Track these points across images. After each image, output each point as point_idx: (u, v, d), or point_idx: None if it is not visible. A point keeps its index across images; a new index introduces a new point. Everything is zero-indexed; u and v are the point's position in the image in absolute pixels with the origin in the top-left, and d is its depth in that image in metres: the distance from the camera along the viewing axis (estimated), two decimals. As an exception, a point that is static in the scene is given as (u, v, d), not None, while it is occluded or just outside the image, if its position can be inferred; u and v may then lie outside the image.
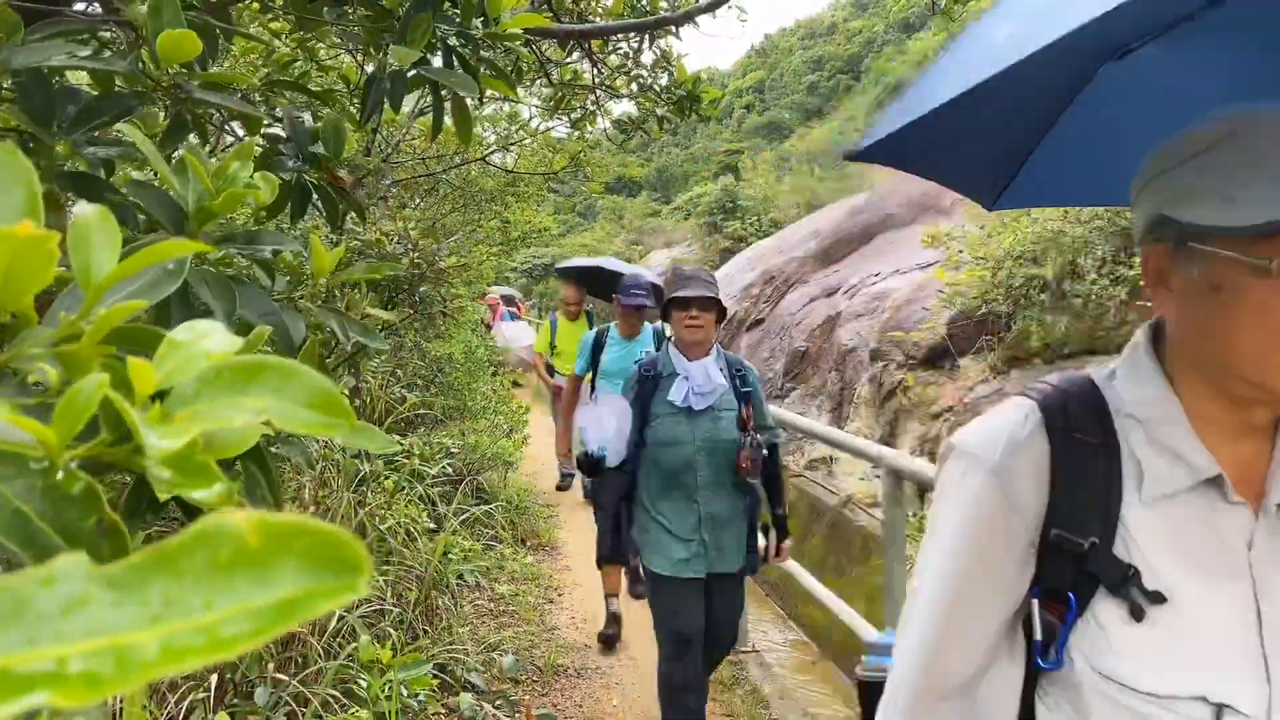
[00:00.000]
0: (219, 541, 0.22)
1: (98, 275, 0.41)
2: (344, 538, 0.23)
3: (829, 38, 77.82)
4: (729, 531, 3.19)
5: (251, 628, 0.21)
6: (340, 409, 0.40)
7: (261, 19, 2.78)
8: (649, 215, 37.89)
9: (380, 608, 3.72)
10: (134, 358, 0.38)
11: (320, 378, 0.40)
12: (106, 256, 0.41)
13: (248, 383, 0.38)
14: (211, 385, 0.38)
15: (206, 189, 0.93)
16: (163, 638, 0.20)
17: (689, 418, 3.14)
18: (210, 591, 0.21)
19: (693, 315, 3.17)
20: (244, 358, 0.39)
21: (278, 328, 0.99)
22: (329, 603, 0.22)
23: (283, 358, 0.39)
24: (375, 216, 5.19)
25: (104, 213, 0.42)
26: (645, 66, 3.50)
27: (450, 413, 6.57)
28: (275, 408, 0.39)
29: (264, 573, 0.22)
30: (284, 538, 0.22)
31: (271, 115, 1.58)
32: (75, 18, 1.21)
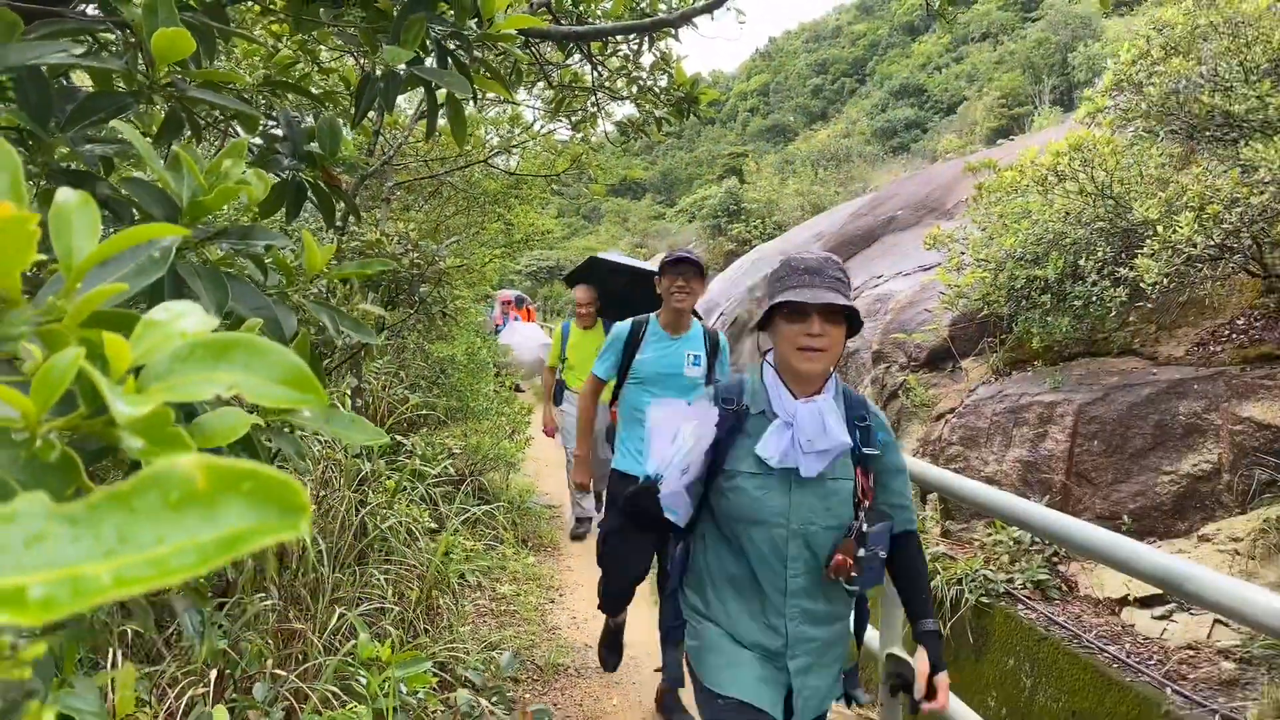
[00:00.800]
0: (170, 483, 0.24)
1: (78, 258, 0.43)
2: (289, 482, 0.25)
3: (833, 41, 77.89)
4: (828, 657, 2.20)
5: (197, 558, 0.23)
6: (310, 385, 0.42)
7: (263, 21, 2.81)
8: (653, 218, 37.97)
9: (381, 606, 3.74)
10: (110, 335, 0.40)
11: (291, 354, 0.42)
12: (86, 240, 0.43)
13: (219, 358, 0.40)
14: (184, 361, 0.40)
15: (199, 184, 0.96)
16: (116, 568, 0.22)
17: (787, 486, 2.10)
18: (161, 527, 0.23)
19: (813, 332, 2.09)
20: (216, 335, 0.41)
21: (269, 321, 1.01)
22: (271, 537, 0.24)
23: (254, 335, 0.41)
24: (378, 218, 5.22)
25: (85, 198, 0.44)
26: (644, 69, 3.52)
27: (453, 414, 6.60)
28: (245, 383, 0.40)
29: (211, 510, 0.24)
30: (231, 479, 0.24)
31: (269, 115, 1.60)
32: (73, 17, 1.24)
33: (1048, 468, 6.11)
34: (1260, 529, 4.88)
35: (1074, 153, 5.92)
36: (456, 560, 4.60)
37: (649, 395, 3.76)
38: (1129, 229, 5.97)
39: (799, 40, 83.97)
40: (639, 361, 3.87)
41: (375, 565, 3.96)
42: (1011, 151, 11.28)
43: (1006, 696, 5.11)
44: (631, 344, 3.90)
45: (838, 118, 60.44)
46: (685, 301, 3.80)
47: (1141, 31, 5.97)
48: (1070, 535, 2.03)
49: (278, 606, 3.22)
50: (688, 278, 3.81)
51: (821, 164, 32.43)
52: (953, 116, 38.14)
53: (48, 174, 1.08)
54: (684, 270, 3.79)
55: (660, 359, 3.84)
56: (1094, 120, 6.14)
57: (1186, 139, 5.97)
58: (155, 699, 2.58)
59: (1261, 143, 4.81)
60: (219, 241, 1.01)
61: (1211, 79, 5.34)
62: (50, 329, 0.42)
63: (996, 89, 31.71)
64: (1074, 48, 27.73)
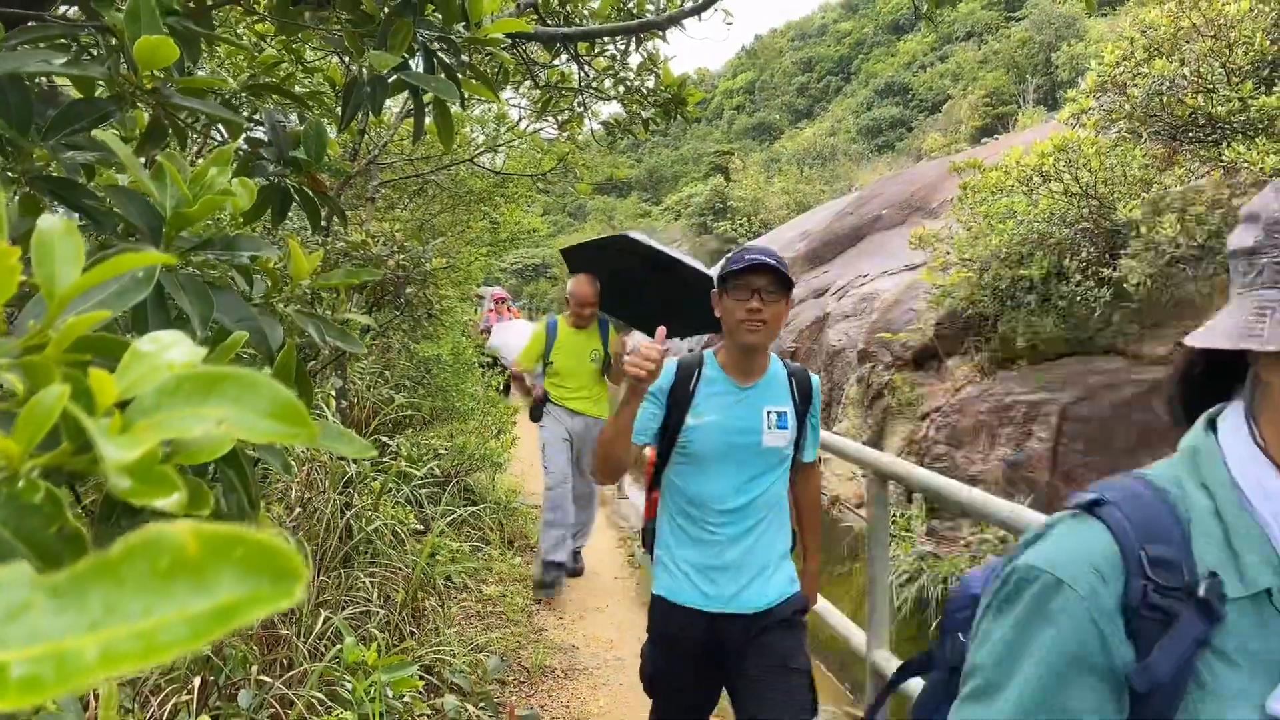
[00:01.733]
0: (159, 550, 0.23)
1: (61, 286, 0.42)
2: (281, 547, 0.24)
3: (819, 39, 78.06)
4: None
5: (189, 632, 0.22)
6: (300, 419, 0.41)
7: (247, 22, 2.78)
8: (639, 216, 37.96)
9: (367, 609, 3.72)
10: (96, 369, 0.39)
11: (281, 388, 0.41)
12: (69, 268, 0.42)
13: (208, 393, 0.39)
14: (172, 396, 0.39)
15: (183, 194, 0.94)
16: (102, 643, 0.21)
17: None
18: (150, 598, 0.22)
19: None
20: (205, 369, 0.40)
21: (254, 333, 1.00)
22: (266, 608, 0.23)
23: (244, 369, 0.40)
24: (362, 218, 5.19)
25: (68, 225, 0.43)
26: (631, 69, 3.51)
27: (438, 414, 6.57)
28: (235, 418, 0.39)
29: (202, 580, 0.23)
30: (222, 546, 0.23)
31: (253, 120, 1.58)
32: (55, 23, 1.22)
33: (1032, 467, 6.14)
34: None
35: (1059, 153, 5.95)
36: (442, 562, 4.59)
37: (707, 479, 2.48)
38: (1113, 229, 6.00)
39: (785, 38, 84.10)
40: (692, 429, 2.48)
41: (361, 568, 3.93)
42: (996, 150, 11.33)
43: (991, 695, 5.13)
44: (680, 397, 2.50)
45: (823, 116, 60.59)
46: (759, 334, 2.48)
47: (1125, 33, 6.01)
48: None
49: (262, 611, 3.19)
50: (769, 295, 2.51)
51: (807, 162, 32.52)
52: (938, 115, 38.32)
53: (28, 181, 1.06)
54: (762, 281, 2.50)
55: (725, 424, 2.49)
56: (1078, 121, 6.17)
57: (1170, 140, 6.01)
58: (138, 706, 2.56)
59: (1243, 144, 4.84)
60: (204, 252, 0.99)
61: (1194, 80, 5.38)
62: (32, 361, 0.41)
63: (981, 88, 31.87)
64: (1057, 47, 27.90)
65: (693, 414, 2.47)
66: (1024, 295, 6.62)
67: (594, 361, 5.45)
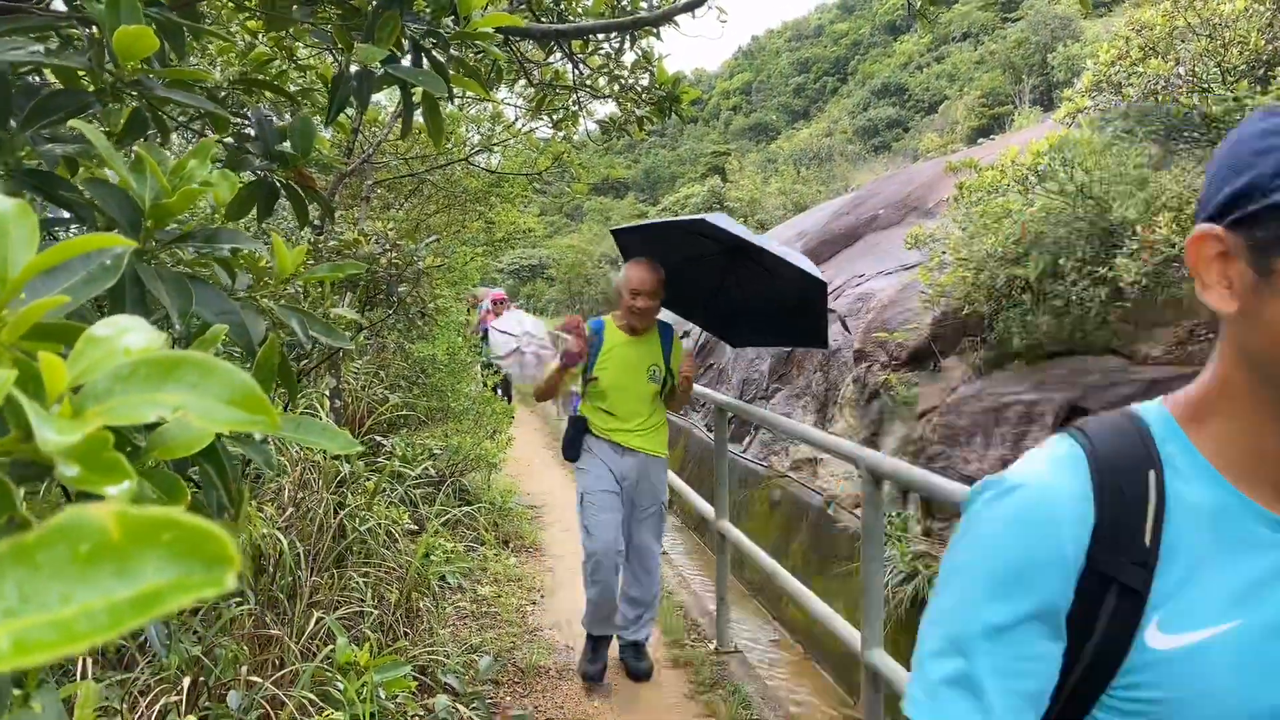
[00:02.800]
0: (80, 534, 0.21)
1: (13, 271, 0.40)
2: (213, 531, 0.22)
3: (815, 40, 78.14)
4: None
5: (108, 620, 0.21)
6: (260, 406, 0.40)
7: (239, 18, 2.76)
8: (636, 216, 37.97)
9: (360, 610, 3.70)
10: (46, 353, 0.37)
11: (240, 374, 0.39)
12: (23, 252, 0.41)
13: (164, 379, 0.38)
14: (125, 381, 0.38)
15: (162, 187, 0.93)
16: (14, 632, 0.20)
17: None
18: (68, 584, 0.21)
19: None
20: (161, 353, 0.39)
21: (235, 326, 0.99)
22: (192, 596, 0.22)
23: (200, 354, 0.39)
24: (356, 217, 5.17)
25: (22, 207, 0.42)
26: (626, 67, 3.50)
27: (433, 414, 6.55)
28: (193, 404, 0.38)
29: (126, 565, 0.21)
30: (148, 530, 0.22)
31: (242, 115, 1.57)
32: (38, 13, 1.20)
33: (1028, 466, 6.14)
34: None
35: (1054, 153, 5.95)
36: (437, 562, 4.57)
37: None
38: (1109, 229, 6.00)
39: (781, 39, 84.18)
40: None
41: (354, 568, 3.92)
42: (992, 151, 11.33)
43: (987, 695, 5.13)
44: None
45: (820, 116, 60.65)
46: None
47: (1121, 32, 6.01)
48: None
49: (253, 611, 3.17)
50: None
51: (803, 163, 32.51)
52: (934, 115, 38.34)
53: (7, 174, 1.04)
54: None
55: None
56: (1074, 120, 6.17)
57: (1165, 139, 6.01)
58: (127, 707, 2.54)
59: (1239, 144, 4.84)
60: (185, 244, 0.98)
61: (1189, 80, 5.38)
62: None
63: (977, 88, 31.89)
64: (1053, 48, 27.92)
65: None
66: (1020, 295, 6.62)
67: (653, 380, 4.09)
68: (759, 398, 10.63)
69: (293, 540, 3.55)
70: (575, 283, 25.36)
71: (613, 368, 4.05)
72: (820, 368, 9.60)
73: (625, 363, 4.06)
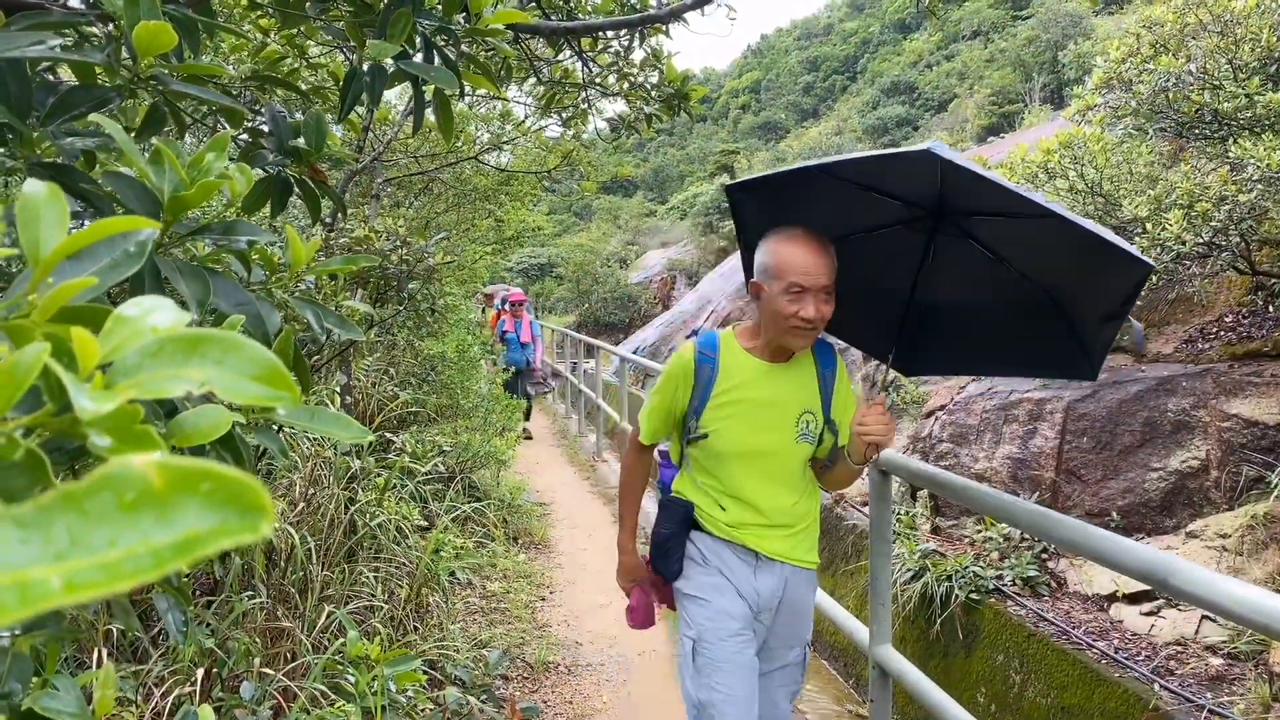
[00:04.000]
0: (124, 483, 0.23)
1: (45, 250, 0.42)
2: (250, 483, 0.24)
3: (824, 38, 77.99)
4: None
5: (152, 562, 0.22)
6: (283, 382, 0.41)
7: (251, 16, 2.79)
8: (645, 215, 37.95)
9: (370, 604, 3.73)
10: (79, 330, 0.39)
11: (264, 350, 0.41)
12: (54, 233, 0.42)
13: (189, 354, 0.39)
14: (153, 357, 0.39)
15: (181, 179, 0.95)
16: (66, 573, 0.21)
17: None
18: (114, 529, 0.22)
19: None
20: (187, 330, 0.40)
21: (251, 317, 1.00)
22: (230, 540, 0.23)
23: (226, 331, 0.40)
24: (367, 214, 5.20)
25: (53, 190, 0.43)
26: (635, 65, 3.51)
27: (443, 411, 6.58)
28: (217, 379, 0.40)
29: (167, 512, 0.23)
30: (188, 480, 0.23)
31: (255, 110, 1.58)
32: (57, 10, 1.22)
33: (1037, 464, 6.13)
34: (1248, 525, 4.91)
35: (1064, 150, 5.93)
36: (446, 558, 4.59)
37: None
38: (1119, 226, 5.98)
39: (790, 37, 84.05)
40: None
41: (364, 563, 3.94)
42: (1002, 149, 11.30)
43: (996, 692, 5.12)
44: None
45: (829, 115, 60.54)
46: None
47: (1131, 29, 5.99)
48: (1057, 532, 2.03)
49: (265, 605, 3.20)
50: None
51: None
52: (944, 114, 38.23)
53: (29, 168, 1.06)
54: None
55: None
56: (1084, 117, 6.15)
57: (1176, 136, 5.99)
58: (141, 698, 2.57)
59: (1250, 140, 4.82)
60: (202, 237, 0.99)
61: (1201, 77, 5.36)
62: (16, 324, 0.41)
63: (987, 87, 31.79)
64: (1064, 46, 27.80)
65: None
66: (1029, 293, 6.60)
67: (805, 438, 2.44)
68: (768, 396, 10.63)
69: (304, 535, 3.57)
70: (584, 281, 25.38)
71: (740, 418, 2.40)
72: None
73: (761, 409, 2.41)
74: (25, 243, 0.42)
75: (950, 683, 5.35)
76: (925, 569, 5.77)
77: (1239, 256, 5.33)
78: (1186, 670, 4.46)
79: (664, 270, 25.05)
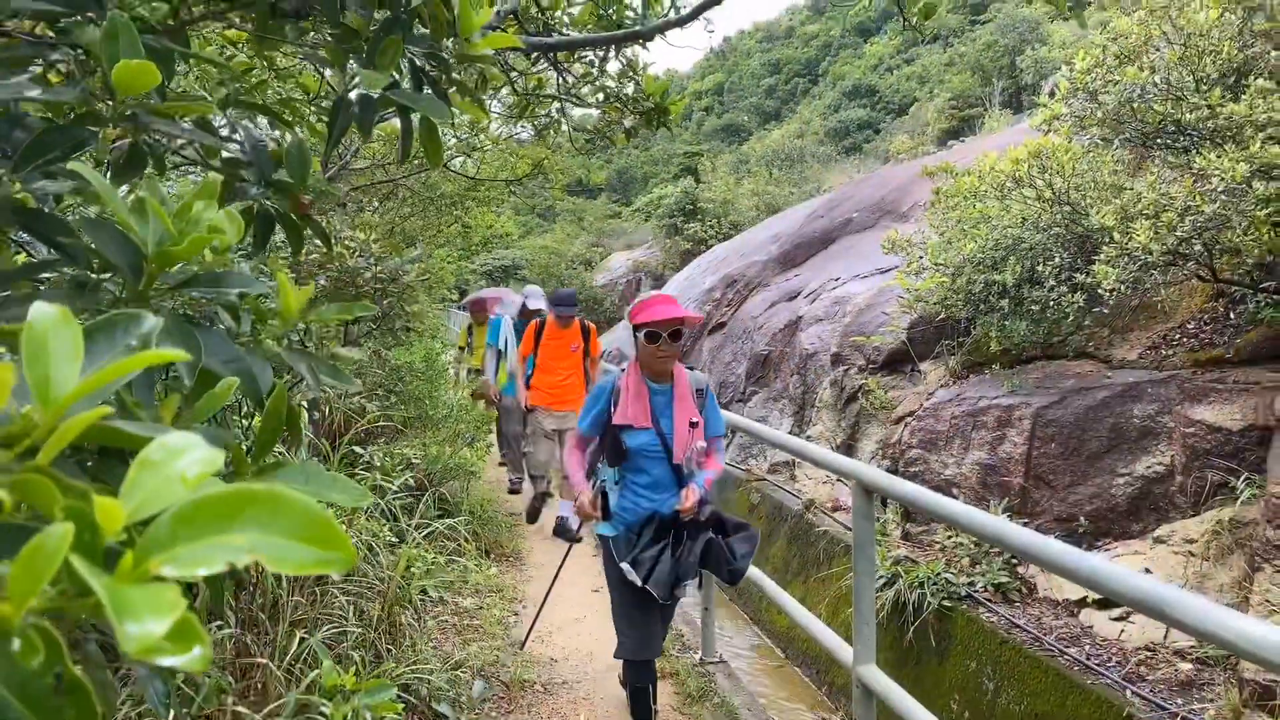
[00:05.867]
0: None
1: (58, 393, 0.36)
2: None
3: (786, 41, 78.53)
4: None
5: None
6: (336, 541, 0.36)
7: (218, 27, 2.69)
8: (609, 217, 37.87)
9: (343, 628, 3.63)
10: (101, 498, 0.33)
11: (313, 506, 0.36)
12: (67, 370, 0.37)
13: (231, 519, 0.34)
14: (189, 524, 0.34)
15: (168, 230, 0.88)
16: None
17: None
18: None
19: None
20: (226, 489, 0.35)
21: (244, 375, 0.94)
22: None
23: (268, 486, 0.35)
24: (335, 225, 5.08)
25: (64, 314, 0.38)
26: (611, 76, 3.46)
27: (410, 422, 6.46)
28: (264, 545, 0.34)
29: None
30: None
31: (230, 138, 1.51)
32: (26, 40, 1.14)
33: (1006, 470, 6.18)
34: (1213, 530, 4.98)
35: (1032, 159, 5.99)
36: (418, 575, 4.50)
37: None
38: (1085, 235, 6.05)
39: (753, 40, 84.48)
40: None
41: (335, 584, 3.84)
42: (964, 154, 11.42)
43: (969, 700, 5.14)
44: None
45: (791, 118, 60.94)
46: None
47: (1096, 40, 6.06)
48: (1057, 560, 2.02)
49: (235, 634, 3.10)
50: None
51: (776, 164, 32.61)
52: (904, 117, 38.64)
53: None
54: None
55: None
56: (1050, 127, 6.21)
57: (1140, 146, 6.07)
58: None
59: (1213, 151, 4.90)
60: (190, 290, 0.93)
61: (1164, 88, 5.43)
62: (27, 480, 0.35)
63: (947, 90, 32.15)
64: (1021, 51, 28.21)
65: None
66: (997, 300, 6.66)
67: None
68: (736, 401, 10.63)
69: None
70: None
71: None
72: (797, 371, 9.61)
73: None
74: (32, 379, 0.36)
75: (924, 690, 5.37)
76: (898, 575, 5.79)
77: (1202, 265, 5.42)
78: (1157, 676, 4.50)
79: (629, 272, 24.99)
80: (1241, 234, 4.86)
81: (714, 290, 13.18)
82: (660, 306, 3.47)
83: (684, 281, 15.43)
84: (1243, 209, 4.75)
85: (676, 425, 3.49)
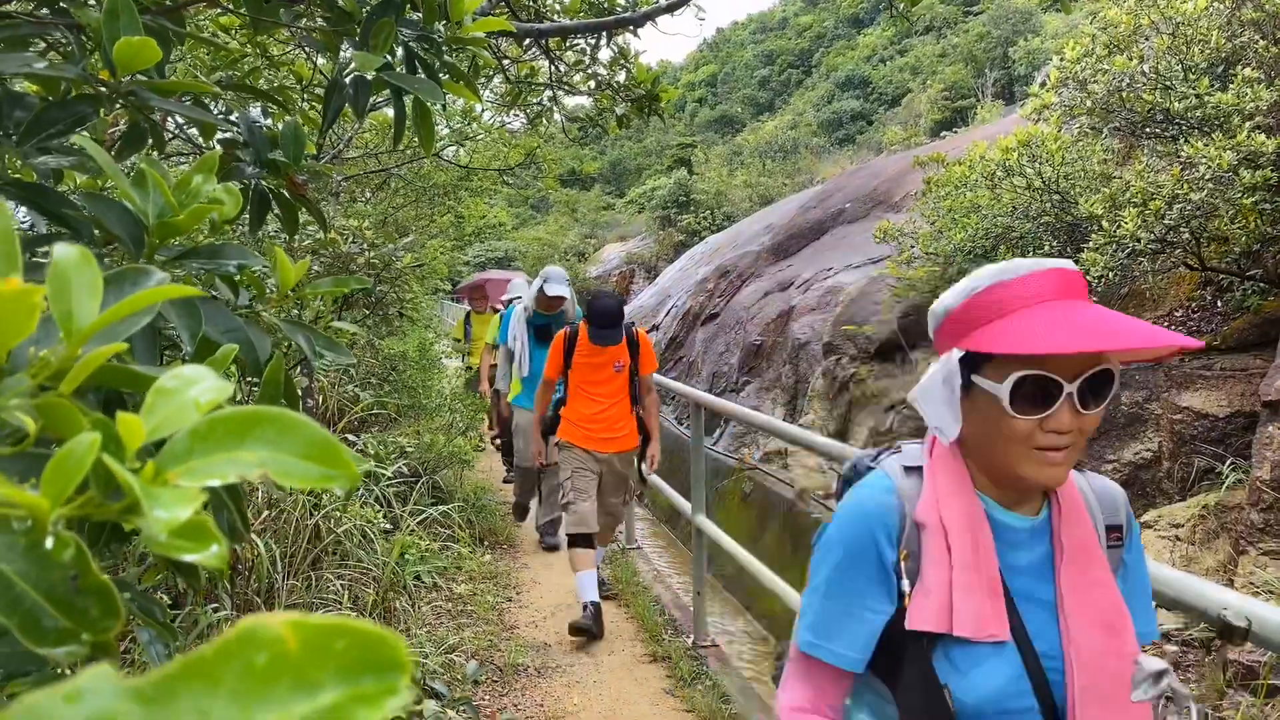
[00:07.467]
0: (256, 646, 0.21)
1: (80, 324, 0.39)
2: (384, 637, 0.22)
3: (780, 32, 78.38)
4: None
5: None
6: (340, 460, 0.39)
7: (211, 13, 2.71)
8: (603, 208, 37.84)
9: (338, 613, 3.67)
10: (123, 413, 0.36)
11: (318, 428, 0.39)
12: (89, 304, 0.40)
13: (243, 436, 0.37)
14: (205, 440, 0.37)
15: (169, 203, 0.91)
16: (200, 756, 0.19)
17: None
18: (248, 702, 0.20)
19: None
20: (238, 410, 0.38)
21: (243, 345, 0.97)
22: (371, 709, 0.21)
23: (278, 409, 0.38)
24: (329, 214, 5.10)
25: (84, 254, 0.41)
26: (602, 63, 3.49)
27: (404, 411, 6.48)
28: (273, 461, 0.37)
29: (304, 679, 0.21)
30: (323, 640, 0.21)
31: (227, 119, 1.53)
32: (25, 20, 1.17)
33: (996, 458, 6.23)
34: (1199, 515, 5.04)
35: (1022, 148, 6.02)
36: (412, 561, 4.54)
37: None
38: (1074, 223, 6.09)
39: (746, 31, 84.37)
40: None
41: (330, 570, 3.88)
42: (957, 145, 11.45)
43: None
44: None
45: (785, 109, 60.90)
46: None
47: (1086, 29, 6.09)
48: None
49: (230, 617, 3.13)
50: None
51: (769, 155, 32.64)
52: (898, 108, 38.66)
53: (0, 187, 1.01)
54: None
55: None
56: (1040, 116, 6.25)
57: (1128, 135, 6.11)
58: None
59: (1201, 140, 4.94)
60: (189, 261, 0.95)
61: (1153, 77, 5.47)
62: (50, 402, 0.38)
63: (940, 81, 32.21)
64: (1014, 42, 28.27)
65: None
66: (988, 289, 6.69)
67: None
68: (729, 390, 10.67)
69: (268, 543, 3.50)
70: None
71: None
72: (789, 360, 9.65)
73: None
74: (57, 313, 0.39)
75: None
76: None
77: (1189, 253, 5.46)
78: (1143, 658, 4.56)
79: (622, 264, 25.02)
80: (1229, 222, 4.91)
81: (707, 281, 13.22)
82: (1041, 311, 1.19)
83: (677, 272, 15.46)
84: (1230, 197, 4.79)
85: (1074, 627, 1.25)
